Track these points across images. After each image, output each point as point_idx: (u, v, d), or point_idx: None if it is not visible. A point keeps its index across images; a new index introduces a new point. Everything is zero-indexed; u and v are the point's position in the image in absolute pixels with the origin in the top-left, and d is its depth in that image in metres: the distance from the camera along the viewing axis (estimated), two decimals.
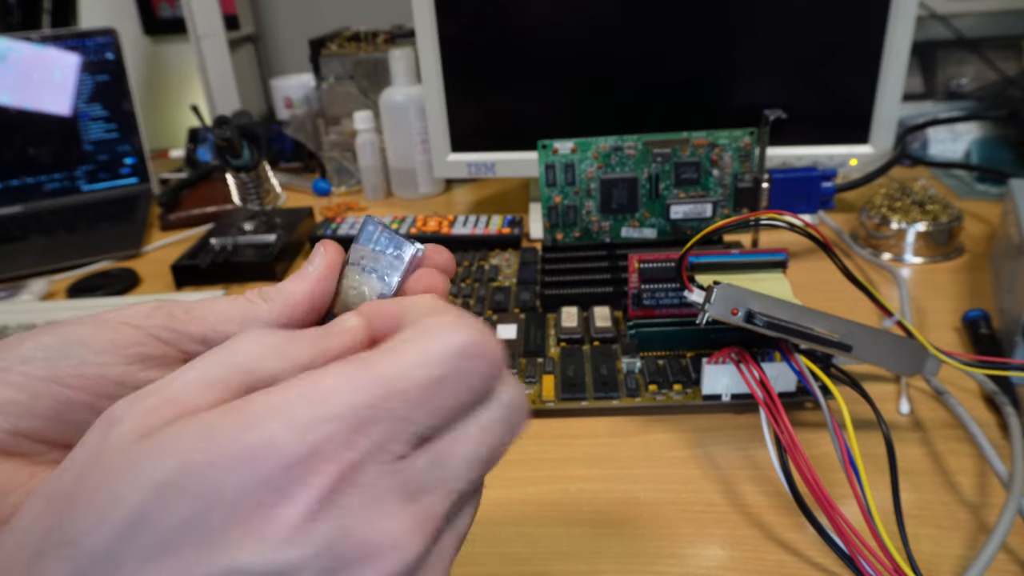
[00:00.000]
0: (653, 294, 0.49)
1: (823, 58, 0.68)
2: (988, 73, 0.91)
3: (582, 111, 0.72)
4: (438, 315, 0.19)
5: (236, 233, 0.72)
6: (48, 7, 1.07)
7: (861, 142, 0.70)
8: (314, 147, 0.99)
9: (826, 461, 0.39)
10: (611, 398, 0.45)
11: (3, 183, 0.87)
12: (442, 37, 0.70)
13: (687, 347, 0.49)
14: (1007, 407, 0.41)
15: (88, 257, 0.75)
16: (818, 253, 0.43)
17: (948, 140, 0.86)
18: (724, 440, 0.42)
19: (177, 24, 1.14)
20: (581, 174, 0.60)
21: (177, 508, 0.15)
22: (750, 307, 0.38)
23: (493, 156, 0.74)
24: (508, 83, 0.72)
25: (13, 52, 0.86)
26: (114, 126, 0.91)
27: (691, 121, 0.60)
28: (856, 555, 0.32)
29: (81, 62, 0.88)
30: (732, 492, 0.39)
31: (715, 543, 0.35)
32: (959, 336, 0.51)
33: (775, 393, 0.37)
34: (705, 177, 0.59)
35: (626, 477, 0.40)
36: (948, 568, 0.33)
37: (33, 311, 0.57)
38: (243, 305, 0.23)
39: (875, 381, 0.46)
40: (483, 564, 0.35)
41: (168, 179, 1.00)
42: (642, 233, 0.62)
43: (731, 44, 0.68)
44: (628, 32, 0.68)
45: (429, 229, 0.71)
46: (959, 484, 0.38)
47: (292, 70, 1.23)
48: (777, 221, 0.42)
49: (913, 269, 0.62)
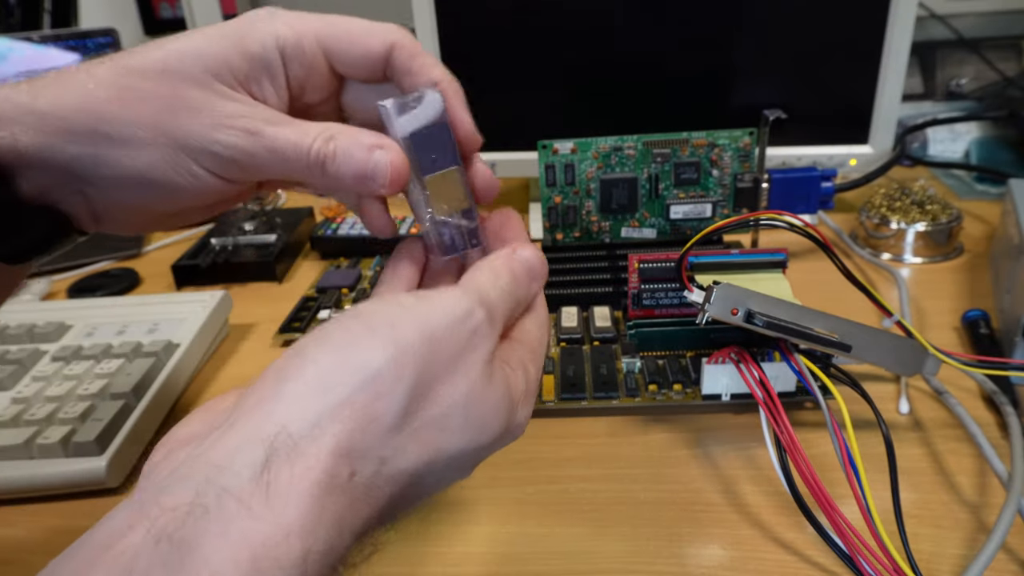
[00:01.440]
0: (653, 294, 0.49)
1: (823, 58, 0.68)
2: (988, 73, 0.91)
3: (582, 111, 0.72)
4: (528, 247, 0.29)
5: (236, 233, 0.72)
6: (48, 7, 1.07)
7: (861, 142, 0.70)
8: None
9: (826, 461, 0.39)
10: (611, 398, 0.45)
11: None
12: (442, 37, 0.70)
13: (687, 347, 0.49)
14: (1007, 407, 0.41)
15: (88, 257, 0.75)
16: (818, 253, 0.43)
17: (948, 140, 0.86)
18: (724, 440, 0.43)
19: (177, 24, 1.14)
20: (581, 174, 0.60)
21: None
22: (750, 307, 0.38)
23: (493, 156, 0.74)
24: (508, 83, 0.72)
25: (13, 52, 0.86)
26: None
27: (691, 121, 0.60)
28: (856, 555, 0.32)
29: (81, 62, 0.88)
30: (732, 492, 0.39)
31: (715, 543, 0.35)
32: (959, 336, 0.52)
33: (775, 393, 0.37)
34: (705, 177, 0.59)
35: (626, 477, 0.40)
36: (948, 568, 0.33)
37: (33, 311, 0.57)
38: None
39: (875, 381, 0.46)
40: (483, 564, 0.35)
41: None
42: (642, 233, 0.62)
43: (731, 44, 0.68)
44: (628, 32, 0.68)
45: None
46: (959, 484, 0.38)
47: None
48: (777, 221, 0.42)
49: (913, 269, 0.62)
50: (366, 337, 0.22)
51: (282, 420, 0.20)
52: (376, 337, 0.21)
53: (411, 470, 0.22)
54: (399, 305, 0.23)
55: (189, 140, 0.26)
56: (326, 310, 0.59)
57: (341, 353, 0.21)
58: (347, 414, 0.20)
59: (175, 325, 0.54)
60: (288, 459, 0.19)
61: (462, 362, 0.23)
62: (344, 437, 0.20)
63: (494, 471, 0.41)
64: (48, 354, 0.51)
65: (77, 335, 0.53)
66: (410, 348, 0.21)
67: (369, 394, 0.21)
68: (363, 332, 0.22)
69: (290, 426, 0.20)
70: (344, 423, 0.20)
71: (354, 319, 0.22)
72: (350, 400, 0.20)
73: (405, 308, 0.23)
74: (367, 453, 0.21)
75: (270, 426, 0.20)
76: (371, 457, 0.21)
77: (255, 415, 0.20)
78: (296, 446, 0.19)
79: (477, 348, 0.23)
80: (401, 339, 0.22)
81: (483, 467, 0.35)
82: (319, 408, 0.20)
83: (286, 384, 0.21)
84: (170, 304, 0.57)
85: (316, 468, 0.19)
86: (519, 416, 0.25)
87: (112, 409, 0.44)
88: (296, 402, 0.20)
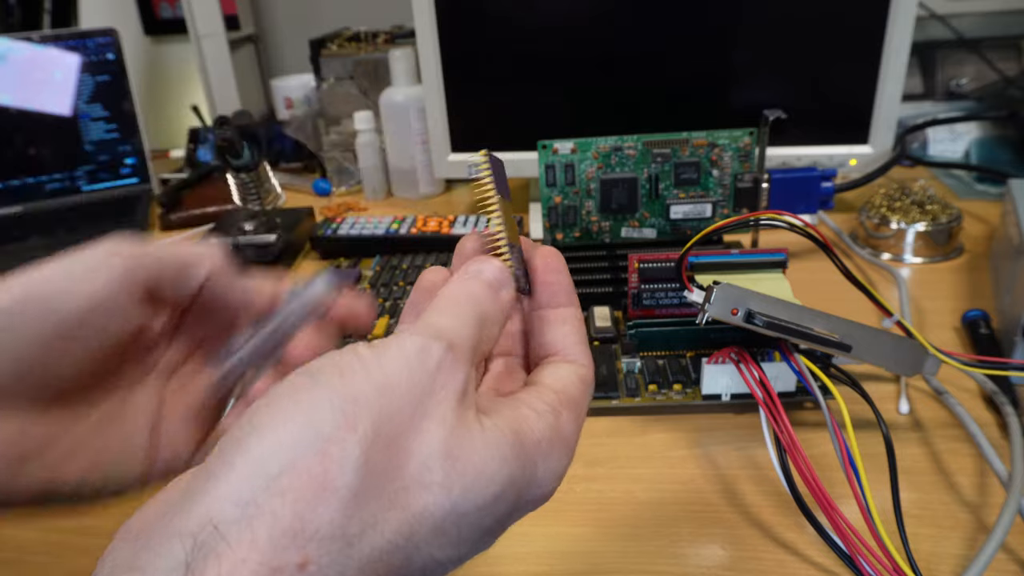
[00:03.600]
0: (653, 294, 0.49)
1: (823, 58, 0.68)
2: (988, 73, 0.91)
3: (582, 111, 0.72)
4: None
5: (236, 233, 0.72)
6: (48, 7, 1.07)
7: (861, 142, 0.70)
8: (314, 147, 0.99)
9: (826, 461, 0.39)
10: (611, 398, 0.45)
11: (4, 183, 0.87)
12: (442, 37, 0.70)
13: (687, 347, 0.49)
14: (1006, 407, 0.41)
15: None
16: (818, 253, 0.43)
17: (948, 140, 0.86)
18: (724, 440, 0.43)
19: (177, 24, 1.14)
20: (581, 174, 0.60)
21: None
22: (750, 307, 0.38)
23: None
24: (508, 83, 0.72)
25: (13, 52, 0.86)
26: (114, 126, 0.91)
27: (691, 121, 0.60)
28: (856, 555, 0.32)
29: (81, 62, 0.88)
30: (732, 492, 0.39)
31: (715, 543, 0.35)
32: (958, 336, 0.52)
33: (775, 393, 0.37)
34: (705, 177, 0.59)
35: (626, 477, 0.40)
36: (947, 567, 0.33)
37: None
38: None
39: (875, 381, 0.46)
40: (483, 564, 0.35)
41: (168, 179, 1.00)
42: (642, 233, 0.62)
43: (731, 44, 0.68)
44: (628, 32, 0.68)
45: (429, 229, 0.71)
46: (959, 484, 0.38)
47: (292, 70, 1.23)
48: (777, 221, 0.42)
49: (913, 269, 0.62)
50: (311, 391, 0.18)
51: (207, 509, 0.16)
52: (322, 390, 0.18)
53: (392, 547, 0.17)
54: (353, 355, 0.20)
55: None
56: None
57: (282, 414, 0.18)
58: (288, 484, 0.16)
59: None
60: (216, 556, 0.15)
61: (431, 405, 0.19)
62: (287, 514, 0.16)
63: None
64: None
65: None
66: (362, 399, 0.18)
67: (315, 456, 0.17)
68: (308, 386, 0.18)
69: (217, 514, 0.16)
70: (285, 496, 0.16)
71: (301, 374, 0.19)
72: (291, 466, 0.16)
73: (358, 357, 0.19)
74: (323, 533, 0.16)
75: (193, 519, 0.16)
76: (331, 537, 0.16)
77: (183, 507, 0.17)
78: (224, 537, 0.16)
79: (446, 386, 0.20)
80: (352, 390, 0.18)
81: None
82: (253, 484, 0.16)
83: (218, 462, 0.17)
84: None
85: (252, 560, 0.15)
86: (543, 467, 0.21)
87: None
88: (225, 483, 0.16)
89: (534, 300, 0.26)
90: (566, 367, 0.25)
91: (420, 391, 0.19)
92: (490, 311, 0.23)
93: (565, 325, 0.25)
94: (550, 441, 0.21)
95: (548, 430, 0.21)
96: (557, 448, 0.22)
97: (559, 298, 0.26)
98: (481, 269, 0.24)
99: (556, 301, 0.26)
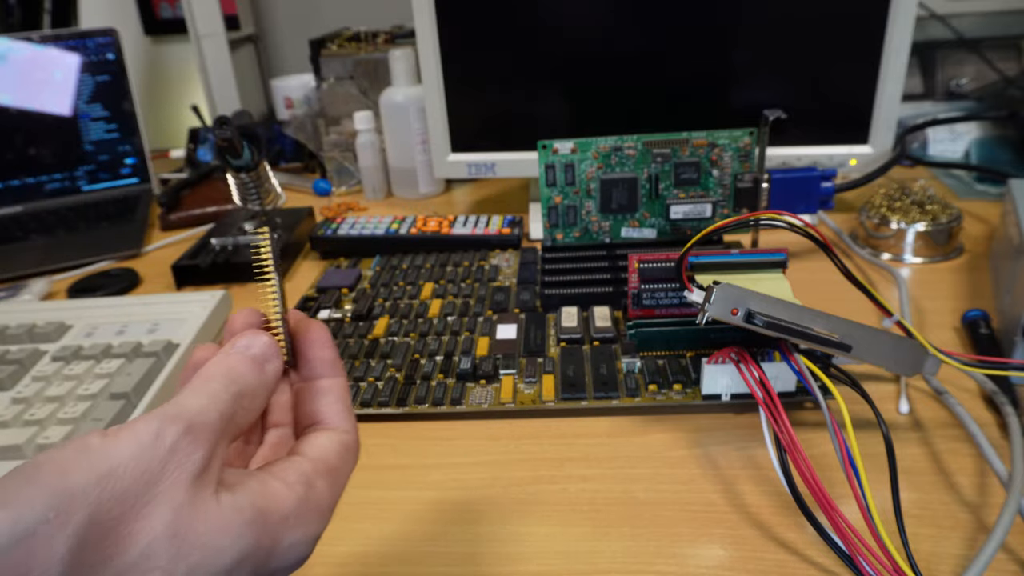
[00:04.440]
0: (653, 294, 0.49)
1: (823, 58, 0.68)
2: (988, 73, 0.92)
3: (582, 111, 0.72)
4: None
5: (236, 233, 0.72)
6: (48, 7, 1.07)
7: (861, 142, 0.70)
8: (314, 147, 0.99)
9: (826, 461, 0.39)
10: (611, 398, 0.45)
11: (3, 183, 0.87)
12: (442, 37, 0.70)
13: (687, 347, 0.49)
14: (1006, 407, 0.41)
15: (88, 257, 0.75)
16: (818, 253, 0.43)
17: (947, 140, 0.86)
18: (724, 440, 0.43)
19: (177, 24, 1.14)
20: (581, 174, 0.60)
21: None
22: (750, 307, 0.38)
23: (493, 156, 0.74)
24: (508, 83, 0.72)
25: (13, 52, 0.86)
26: (114, 126, 0.91)
27: (691, 121, 0.60)
28: (856, 555, 0.32)
29: (81, 62, 0.88)
30: (732, 492, 0.39)
31: (715, 543, 0.35)
32: (958, 336, 0.52)
33: (775, 393, 0.37)
34: (705, 177, 0.59)
35: (626, 477, 0.40)
36: (947, 568, 0.33)
37: (33, 311, 0.57)
38: None
39: (875, 381, 0.46)
40: (483, 564, 0.35)
41: (168, 179, 1.00)
42: (642, 233, 0.62)
43: (731, 44, 0.68)
44: (628, 32, 0.68)
45: (429, 229, 0.71)
46: (959, 484, 0.38)
47: (292, 70, 1.23)
48: (777, 221, 0.42)
49: (913, 269, 0.62)
50: (23, 489, 0.18)
51: None
52: (36, 487, 0.18)
53: None
54: (82, 447, 0.20)
55: None
56: (326, 310, 0.59)
57: None
58: None
59: (175, 325, 0.54)
60: None
61: (160, 489, 0.20)
62: None
63: (494, 471, 0.41)
64: (48, 354, 0.51)
65: (77, 335, 0.53)
66: (80, 493, 0.18)
67: (20, 555, 0.17)
68: (21, 485, 0.18)
69: None
70: None
71: (17, 471, 0.19)
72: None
73: (86, 450, 0.20)
74: None
75: None
76: None
77: None
78: None
79: (181, 465, 0.20)
80: (70, 485, 0.18)
81: (483, 467, 0.35)
82: None
83: None
84: (170, 304, 0.57)
85: None
86: (288, 539, 0.22)
87: (112, 409, 0.44)
88: None
89: (301, 372, 0.27)
90: (327, 435, 0.26)
91: (149, 476, 0.20)
92: (251, 384, 0.24)
93: (329, 395, 0.27)
94: (298, 514, 0.22)
95: (296, 502, 0.22)
96: (306, 518, 0.23)
97: (324, 370, 0.27)
98: (249, 344, 0.25)
99: (321, 372, 0.27)
